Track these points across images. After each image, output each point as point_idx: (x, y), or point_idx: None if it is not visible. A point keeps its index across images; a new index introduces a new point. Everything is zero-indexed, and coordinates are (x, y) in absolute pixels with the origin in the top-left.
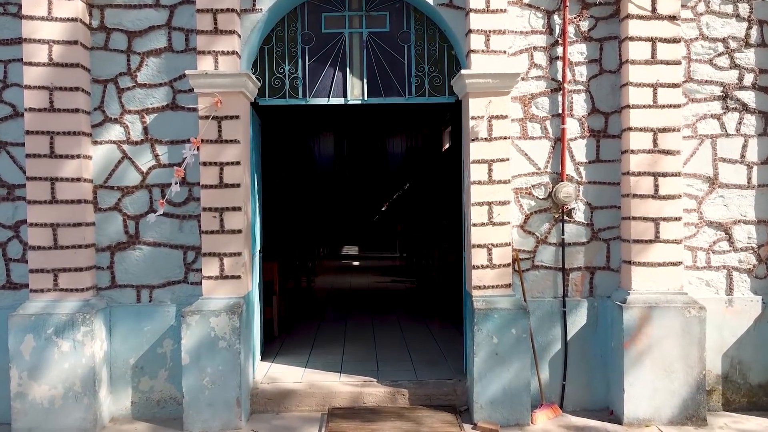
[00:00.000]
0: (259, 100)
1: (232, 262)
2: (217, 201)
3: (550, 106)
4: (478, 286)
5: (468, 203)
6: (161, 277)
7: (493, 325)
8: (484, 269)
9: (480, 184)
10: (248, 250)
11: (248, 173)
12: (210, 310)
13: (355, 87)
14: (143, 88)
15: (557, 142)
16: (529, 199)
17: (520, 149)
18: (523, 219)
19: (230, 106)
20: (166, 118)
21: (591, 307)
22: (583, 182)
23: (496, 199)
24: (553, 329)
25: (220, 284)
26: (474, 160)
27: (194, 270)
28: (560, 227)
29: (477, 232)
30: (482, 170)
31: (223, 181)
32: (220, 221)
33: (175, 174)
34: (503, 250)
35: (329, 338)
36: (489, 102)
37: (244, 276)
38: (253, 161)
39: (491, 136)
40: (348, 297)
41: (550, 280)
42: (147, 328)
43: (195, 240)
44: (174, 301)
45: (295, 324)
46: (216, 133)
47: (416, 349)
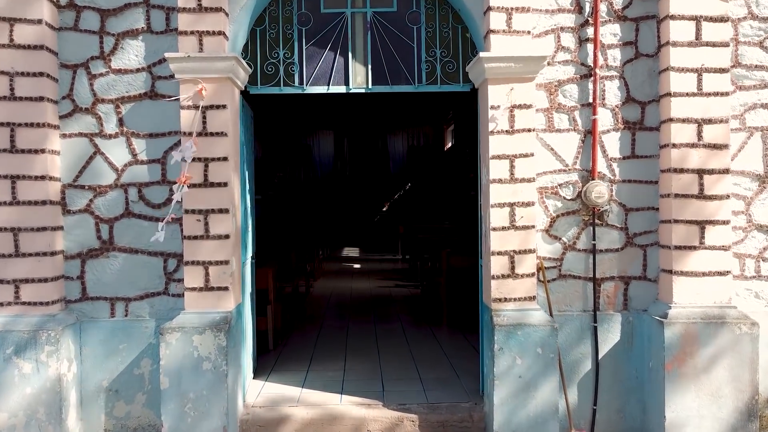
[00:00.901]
0: (250, 88)
1: (219, 272)
2: (202, 202)
3: (579, 95)
4: (498, 298)
5: (486, 204)
6: (139, 288)
7: (517, 344)
8: (505, 279)
9: (500, 183)
10: (237, 258)
11: (238, 171)
12: (193, 326)
13: (359, 74)
14: (118, 74)
15: (587, 135)
16: (555, 199)
17: (545, 143)
18: (549, 222)
19: (216, 95)
20: (145, 108)
21: (625, 322)
22: (616, 180)
23: (518, 199)
24: (583, 347)
25: (204, 297)
26: (493, 155)
27: (176, 280)
28: (590, 232)
29: (497, 238)
30: (503, 167)
31: (208, 179)
32: (204, 225)
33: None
34: (527, 258)
35: (329, 351)
36: (511, 89)
37: (232, 287)
38: (243, 157)
39: (513, 128)
40: (349, 303)
41: (579, 291)
42: (122, 346)
43: (177, 246)
44: (153, 316)
45: (292, 334)
46: (200, 125)
47: (424, 363)
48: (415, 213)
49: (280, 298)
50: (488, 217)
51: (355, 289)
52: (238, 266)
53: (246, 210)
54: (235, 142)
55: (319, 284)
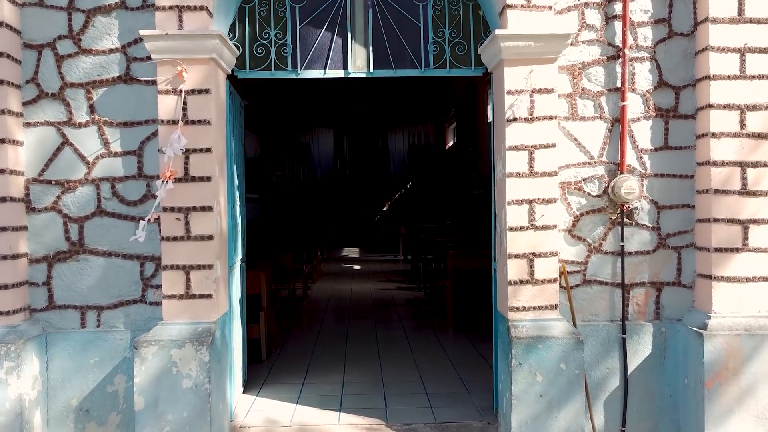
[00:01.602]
0: (238, 72)
1: (201, 277)
2: (181, 199)
3: (605, 78)
4: (515, 307)
5: (501, 201)
6: (112, 295)
7: (538, 359)
8: (523, 285)
9: (518, 177)
10: (223, 261)
11: (223, 164)
12: (171, 339)
13: (358, 57)
14: (89, 56)
15: (615, 124)
16: (578, 196)
17: (567, 133)
18: (572, 221)
19: (198, 78)
20: (119, 93)
21: (657, 333)
22: (647, 174)
23: (538, 196)
24: (609, 361)
25: (185, 306)
26: (511, 146)
27: (154, 286)
28: (618, 232)
29: (515, 239)
30: (521, 159)
31: (188, 173)
32: (185, 225)
33: (164, 176)
34: (549, 262)
35: (327, 361)
36: (530, 72)
37: (216, 294)
38: (231, 149)
39: (533, 115)
40: (348, 307)
41: (606, 298)
42: (94, 361)
43: (155, 248)
44: (128, 326)
45: (287, 341)
46: (180, 111)
47: (430, 375)
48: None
49: (275, 302)
50: (504, 216)
51: (355, 291)
52: (224, 270)
53: (234, 208)
54: (221, 131)
55: (317, 286)
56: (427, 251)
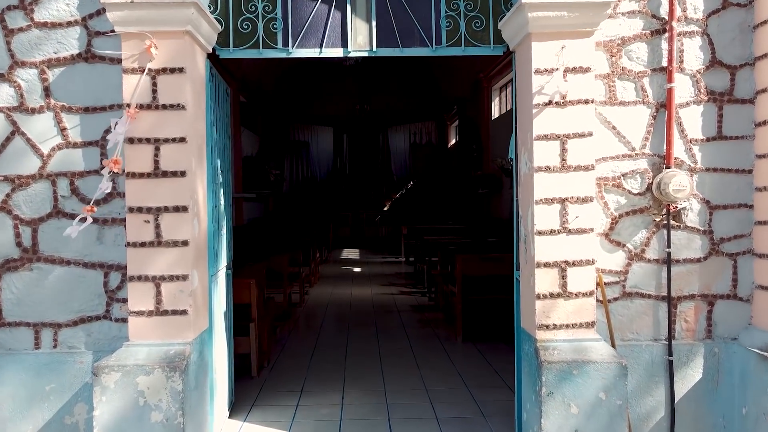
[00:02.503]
0: (221, 51)
1: (174, 290)
2: (151, 197)
3: (649, 57)
4: (545, 325)
5: (527, 200)
6: (72, 310)
7: (573, 387)
8: (555, 299)
9: (548, 172)
10: (203, 270)
11: (202, 157)
12: (137, 364)
13: (360, 33)
14: (44, 29)
15: (660, 110)
16: (617, 194)
17: (604, 120)
18: (609, 224)
19: (171, 55)
20: (79, 73)
21: (709, 355)
22: (697, 169)
23: (572, 193)
24: (654, 387)
25: (155, 324)
26: (539, 135)
27: (121, 300)
28: (663, 236)
29: (544, 244)
30: (552, 151)
31: (159, 166)
32: (155, 228)
33: (107, 164)
34: (584, 272)
35: (325, 377)
36: (562, 48)
37: (193, 309)
38: (212, 141)
39: (565, 99)
40: (348, 314)
41: (649, 314)
42: (50, 387)
43: (122, 256)
44: (91, 347)
45: (281, 354)
46: (149, 94)
47: (440, 395)
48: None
49: (268, 310)
50: (531, 217)
51: (355, 296)
52: (204, 281)
53: (217, 209)
54: (198, 118)
55: (315, 291)
56: (431, 253)
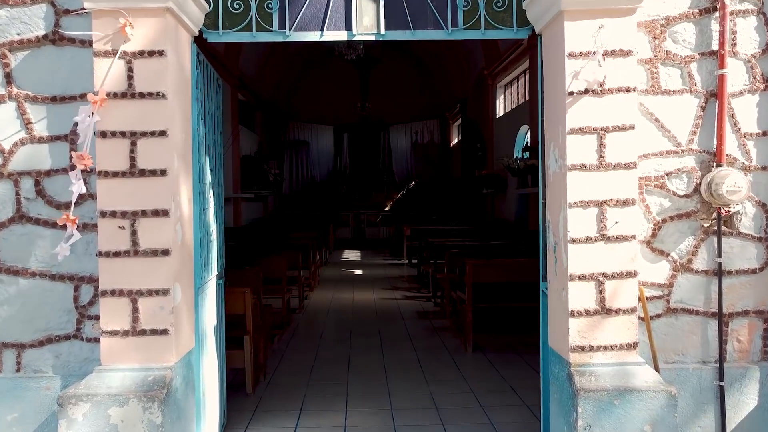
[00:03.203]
0: (209, 35)
1: (154, 307)
2: (126, 200)
3: (697, 39)
4: (580, 346)
5: (558, 203)
6: (37, 329)
7: (614, 420)
8: (592, 317)
9: (584, 171)
10: (187, 282)
11: (187, 153)
12: (110, 393)
13: (366, 14)
14: (4, 7)
15: (710, 99)
16: (660, 195)
17: (646, 111)
18: (650, 230)
19: (148, 36)
20: (46, 58)
21: (765, 379)
22: (752, 168)
23: (611, 195)
24: (702, 416)
25: (131, 345)
26: (573, 128)
27: (93, 317)
28: (713, 244)
29: (579, 254)
30: (587, 146)
31: (135, 164)
32: (130, 235)
33: (76, 161)
34: (625, 285)
35: (325, 395)
36: (600, 28)
37: (176, 328)
38: (199, 134)
39: (604, 86)
40: (350, 321)
41: (696, 332)
42: (12, 417)
43: (94, 266)
44: (59, 370)
45: (279, 366)
46: (124, 81)
47: (453, 418)
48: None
49: (265, 319)
50: (563, 222)
51: (357, 301)
52: (189, 295)
53: (206, 212)
54: (182, 109)
55: (315, 295)
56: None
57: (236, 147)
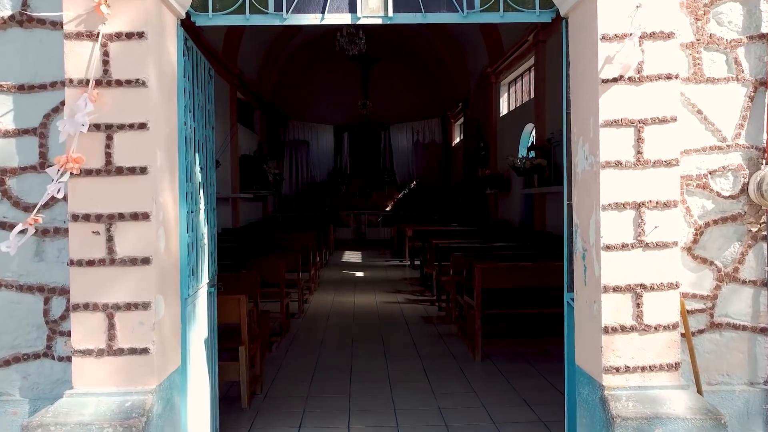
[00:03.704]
0: (197, 17)
1: (133, 322)
2: (101, 201)
3: (744, 20)
4: (614, 367)
5: (589, 205)
6: (2, 346)
7: None
8: (627, 333)
9: (619, 168)
10: (172, 293)
11: (173, 149)
12: (81, 422)
13: None
14: None
15: (759, 89)
16: (702, 196)
17: (687, 101)
18: (692, 234)
19: (127, 16)
20: (12, 41)
21: None
22: None
23: (650, 196)
24: None
25: (107, 367)
26: (607, 120)
27: (66, 333)
28: (763, 251)
29: (613, 262)
30: (623, 140)
31: (111, 161)
32: (106, 241)
33: (61, 163)
34: (665, 297)
35: (327, 409)
36: (637, 7)
37: (158, 346)
38: (186, 128)
39: (642, 73)
40: (352, 326)
41: (743, 350)
42: None
43: (67, 276)
44: (27, 393)
45: (276, 377)
46: (99, 66)
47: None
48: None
49: (262, 326)
50: (594, 227)
51: (359, 305)
52: (173, 308)
53: (195, 214)
54: (166, 100)
55: (315, 298)
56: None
57: (235, 146)
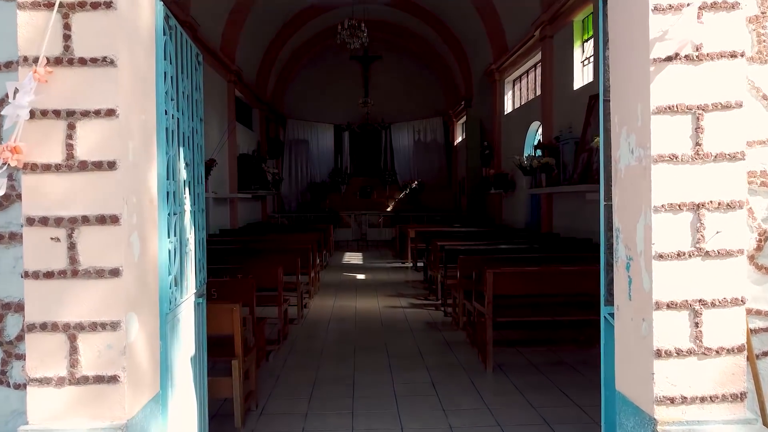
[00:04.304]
0: None
1: (99, 346)
2: (61, 202)
3: None
4: (669, 397)
5: (637, 206)
6: None
7: None
8: (684, 358)
9: (673, 163)
10: (148, 309)
11: (150, 142)
12: None
13: None
14: None
15: None
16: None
17: (751, 85)
18: (755, 241)
19: None
20: None
21: None
22: None
23: (712, 196)
24: None
25: (68, 398)
26: (660, 106)
27: (23, 356)
28: None
29: (668, 273)
30: (679, 130)
31: (74, 154)
32: (68, 249)
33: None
34: (729, 315)
35: (328, 428)
36: None
37: (129, 372)
38: (167, 118)
39: (701, 50)
40: (354, 333)
41: None
42: None
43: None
44: None
45: (273, 391)
46: (59, 41)
47: None
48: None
49: (259, 335)
50: (645, 232)
51: (361, 310)
52: (150, 326)
53: (179, 216)
54: (142, 84)
55: (315, 303)
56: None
57: (233, 145)
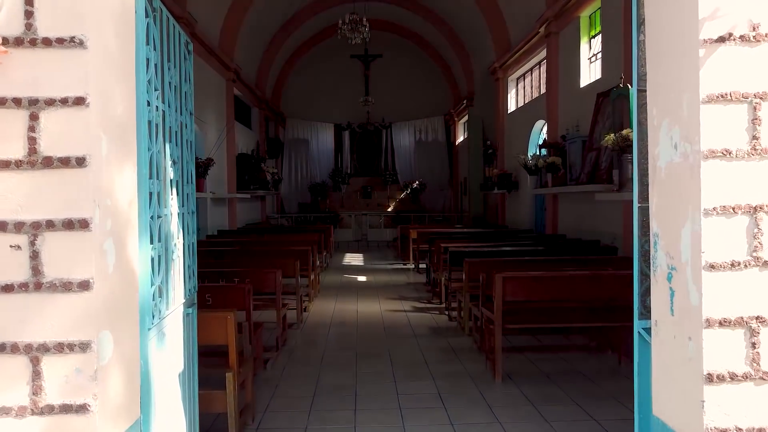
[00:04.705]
0: None
1: (67, 370)
2: (22, 204)
3: None
4: (721, 429)
5: (682, 209)
6: None
7: None
8: (739, 383)
9: (727, 159)
10: (127, 326)
11: (126, 135)
12: None
13: None
14: None
15: None
16: None
17: None
18: None
19: None
20: None
21: None
22: None
23: None
24: None
25: (31, 429)
26: (711, 95)
27: None
28: None
29: (720, 286)
30: (733, 121)
31: (36, 149)
32: (30, 259)
33: None
34: None
35: None
36: None
37: (102, 400)
38: (150, 109)
39: (758, 30)
40: (355, 339)
41: None
42: None
43: None
44: None
45: (270, 403)
46: (20, 19)
47: None
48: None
49: (256, 344)
50: (692, 238)
51: (362, 314)
52: (128, 345)
53: (163, 219)
54: (118, 69)
55: (315, 306)
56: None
57: (231, 144)
